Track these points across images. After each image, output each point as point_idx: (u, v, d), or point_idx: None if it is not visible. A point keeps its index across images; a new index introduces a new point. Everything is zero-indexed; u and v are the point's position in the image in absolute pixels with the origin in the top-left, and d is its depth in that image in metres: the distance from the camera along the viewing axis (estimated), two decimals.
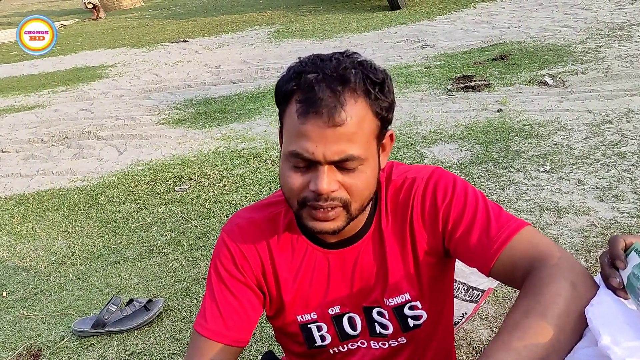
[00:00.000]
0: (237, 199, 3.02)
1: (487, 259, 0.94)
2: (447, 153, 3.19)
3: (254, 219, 1.08)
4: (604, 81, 3.91)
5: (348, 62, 0.91)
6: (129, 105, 5.22)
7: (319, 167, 0.89)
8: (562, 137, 3.17)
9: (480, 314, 1.92)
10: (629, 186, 2.56)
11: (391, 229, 1.04)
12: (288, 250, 1.06)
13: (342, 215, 0.93)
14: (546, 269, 0.86)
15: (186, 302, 2.22)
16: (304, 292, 1.07)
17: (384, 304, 1.07)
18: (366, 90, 0.89)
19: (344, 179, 0.90)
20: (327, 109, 0.86)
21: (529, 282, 0.86)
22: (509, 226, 0.95)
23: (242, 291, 1.06)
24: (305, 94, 0.88)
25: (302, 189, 0.91)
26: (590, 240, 2.21)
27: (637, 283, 0.80)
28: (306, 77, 0.89)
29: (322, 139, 0.87)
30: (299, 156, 0.89)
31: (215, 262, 1.08)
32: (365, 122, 0.90)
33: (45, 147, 4.36)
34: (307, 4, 9.86)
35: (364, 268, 1.05)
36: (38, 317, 2.28)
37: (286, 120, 0.92)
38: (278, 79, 0.96)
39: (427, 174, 1.04)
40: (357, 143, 0.89)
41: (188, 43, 7.94)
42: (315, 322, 1.09)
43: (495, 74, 4.40)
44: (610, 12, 5.83)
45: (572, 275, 0.85)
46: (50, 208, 3.28)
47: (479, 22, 6.38)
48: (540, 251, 0.90)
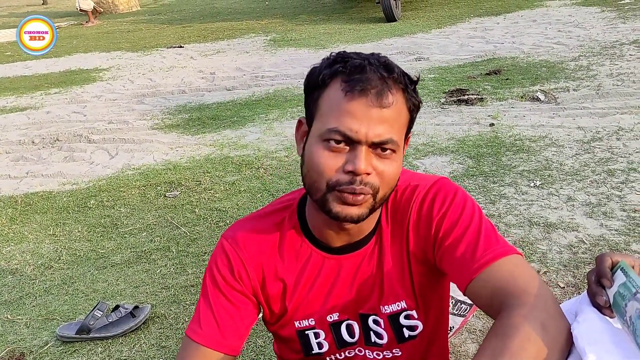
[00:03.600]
0: (227, 206, 3.01)
1: (465, 276, 0.93)
2: (439, 166, 3.20)
3: (257, 227, 1.07)
4: (595, 99, 3.94)
5: (387, 58, 0.96)
6: (122, 109, 5.20)
7: (358, 148, 0.90)
8: (553, 153, 3.19)
9: (468, 328, 1.92)
10: (617, 203, 2.58)
11: (390, 234, 1.04)
12: (292, 256, 1.06)
13: (368, 202, 0.93)
14: (519, 308, 0.83)
15: (173, 310, 2.21)
16: (305, 298, 1.06)
17: (380, 311, 1.06)
18: (405, 84, 0.94)
19: (376, 165, 0.92)
20: (376, 90, 0.90)
21: (501, 321, 0.83)
22: (495, 249, 0.93)
23: (238, 298, 1.05)
24: (353, 74, 0.91)
25: (335, 171, 0.91)
26: (578, 257, 2.22)
27: (623, 302, 0.80)
28: (354, 61, 0.92)
29: (367, 119, 0.89)
30: (340, 134, 0.90)
31: (211, 268, 1.07)
32: (402, 113, 0.94)
33: (35, 149, 4.33)
34: (303, 14, 9.90)
35: (364, 275, 1.05)
36: (22, 321, 2.26)
37: (323, 102, 0.93)
38: (312, 68, 0.99)
39: (430, 182, 1.04)
40: (396, 129, 0.93)
41: (183, 49, 7.94)
42: (313, 329, 1.08)
43: (489, 89, 4.43)
44: (603, 30, 5.90)
45: (544, 316, 0.82)
46: (38, 211, 3.26)
47: (474, 37, 6.43)
48: (517, 286, 0.87)
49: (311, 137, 0.95)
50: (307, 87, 0.98)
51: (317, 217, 1.02)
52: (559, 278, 2.11)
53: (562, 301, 2.03)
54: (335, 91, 0.92)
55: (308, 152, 0.95)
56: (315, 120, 0.95)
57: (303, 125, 1.01)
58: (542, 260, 2.23)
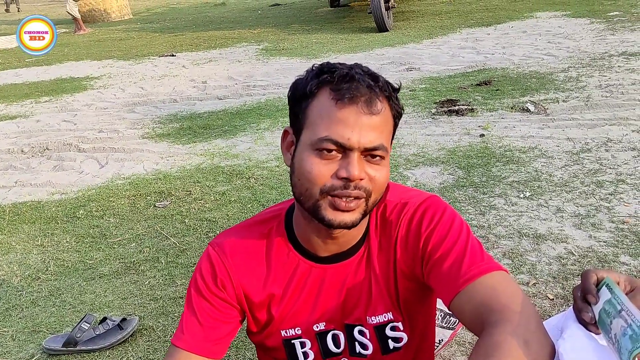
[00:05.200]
0: (217, 216, 3.00)
1: (450, 291, 0.94)
2: (429, 176, 3.21)
3: (244, 236, 1.08)
4: (585, 110, 3.98)
5: (369, 68, 1.01)
6: (112, 117, 5.18)
7: (351, 154, 0.92)
8: (543, 164, 3.21)
9: (457, 340, 1.91)
10: (606, 215, 2.59)
11: (378, 247, 1.05)
12: (279, 265, 1.06)
13: (361, 207, 0.95)
14: (502, 325, 0.83)
15: (161, 322, 2.19)
16: (292, 307, 1.07)
17: (366, 322, 1.06)
18: (389, 93, 0.97)
19: (368, 171, 0.94)
20: (365, 98, 0.93)
21: (483, 339, 0.83)
22: (480, 266, 0.94)
23: (221, 305, 1.06)
24: (342, 83, 0.93)
25: (327, 178, 0.93)
26: (567, 268, 2.23)
27: (608, 319, 0.80)
28: (341, 70, 0.96)
29: (358, 126, 0.92)
30: (332, 141, 0.91)
31: (195, 277, 1.07)
32: (389, 120, 0.98)
33: (25, 158, 4.30)
34: (295, 23, 9.94)
35: (351, 285, 1.05)
36: (8, 334, 2.23)
37: (312, 111, 0.95)
38: (296, 79, 1.01)
39: (419, 200, 1.05)
40: (385, 135, 0.96)
41: (175, 57, 7.94)
42: (299, 338, 1.09)
43: (479, 99, 4.46)
44: (592, 42, 5.97)
45: (526, 333, 0.82)
46: (26, 220, 3.23)
47: (464, 47, 6.48)
48: (500, 302, 0.88)
49: (301, 146, 0.96)
50: (293, 98, 1.00)
51: (306, 226, 1.02)
52: (548, 290, 2.11)
53: (551, 313, 2.04)
54: (325, 100, 0.93)
55: (299, 160, 0.95)
56: (304, 130, 0.95)
57: (289, 135, 1.02)
58: (531, 272, 2.23)
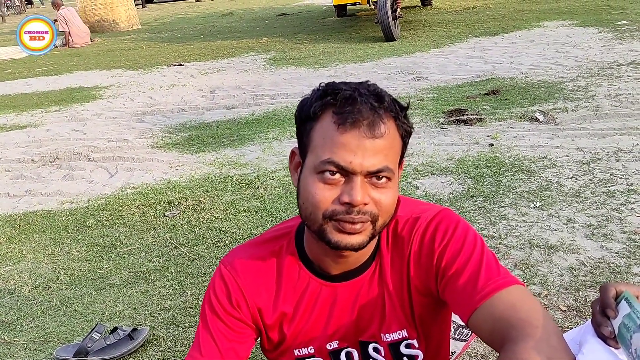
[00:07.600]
0: (227, 226, 3.00)
1: (467, 307, 0.93)
2: (438, 186, 3.20)
3: (255, 254, 1.08)
4: (594, 119, 3.96)
5: (377, 87, 0.98)
6: (122, 127, 5.21)
7: (354, 178, 0.91)
8: (553, 173, 3.19)
9: (470, 352, 1.90)
10: (618, 225, 2.57)
11: (390, 264, 1.04)
12: (290, 284, 1.06)
13: (368, 230, 0.94)
14: (522, 342, 0.82)
15: (172, 332, 2.19)
16: (304, 326, 1.06)
17: (381, 339, 1.06)
18: (395, 112, 0.95)
19: (373, 195, 0.92)
20: (368, 121, 0.91)
21: (506, 354, 0.82)
22: (497, 280, 0.93)
23: (236, 325, 1.05)
24: (345, 106, 0.92)
25: (331, 203, 0.92)
26: (579, 279, 2.21)
27: (628, 334, 0.80)
28: (344, 92, 0.93)
29: (360, 150, 0.90)
30: (334, 165, 0.90)
31: (209, 295, 1.07)
32: (395, 140, 0.95)
33: (35, 167, 4.33)
34: (303, 32, 9.99)
35: (364, 302, 1.05)
36: (19, 343, 2.23)
37: (316, 134, 0.94)
38: (302, 99, 0.99)
39: (432, 214, 1.04)
40: (390, 157, 0.94)
41: (184, 67, 7.99)
42: (312, 357, 1.08)
43: (487, 109, 4.45)
44: (601, 51, 5.95)
45: (549, 349, 0.81)
46: (37, 230, 3.24)
47: (472, 57, 6.48)
48: (520, 318, 0.87)
49: (305, 169, 0.95)
50: (299, 119, 0.99)
51: (315, 245, 1.02)
52: (560, 301, 2.10)
53: (564, 325, 2.02)
54: (328, 124, 0.92)
55: (303, 184, 0.95)
56: (308, 153, 0.95)
57: (296, 156, 1.02)
58: (543, 283, 2.22)
